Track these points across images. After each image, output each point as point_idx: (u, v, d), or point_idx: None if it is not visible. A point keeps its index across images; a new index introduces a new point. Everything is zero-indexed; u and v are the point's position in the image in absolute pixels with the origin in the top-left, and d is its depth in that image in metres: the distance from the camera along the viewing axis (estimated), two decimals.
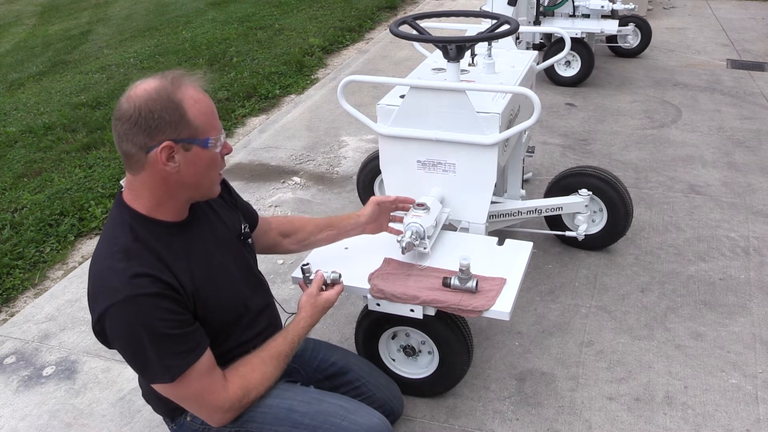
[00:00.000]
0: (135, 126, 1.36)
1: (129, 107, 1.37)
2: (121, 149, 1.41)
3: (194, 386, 1.46)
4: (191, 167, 1.43)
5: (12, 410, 2.35)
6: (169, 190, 1.45)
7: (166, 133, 1.37)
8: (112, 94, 5.63)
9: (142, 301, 1.37)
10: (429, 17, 2.45)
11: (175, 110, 1.37)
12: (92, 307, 1.43)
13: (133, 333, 1.38)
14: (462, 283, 1.91)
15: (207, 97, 1.45)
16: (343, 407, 1.66)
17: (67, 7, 10.49)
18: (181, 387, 1.44)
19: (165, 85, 1.38)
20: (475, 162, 2.22)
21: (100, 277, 1.41)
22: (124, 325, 1.38)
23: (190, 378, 1.44)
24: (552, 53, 5.02)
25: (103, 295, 1.39)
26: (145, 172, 1.42)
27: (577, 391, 2.28)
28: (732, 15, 7.23)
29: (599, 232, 2.96)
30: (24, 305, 2.98)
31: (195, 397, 1.48)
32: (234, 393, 1.53)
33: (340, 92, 2.28)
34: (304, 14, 7.94)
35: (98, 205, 3.71)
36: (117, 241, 1.43)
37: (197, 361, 1.44)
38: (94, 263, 1.45)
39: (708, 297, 2.73)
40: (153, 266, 1.41)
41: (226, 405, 1.52)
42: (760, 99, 4.85)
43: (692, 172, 3.78)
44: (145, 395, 1.74)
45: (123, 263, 1.39)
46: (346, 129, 4.61)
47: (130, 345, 1.40)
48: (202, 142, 1.42)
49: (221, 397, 1.50)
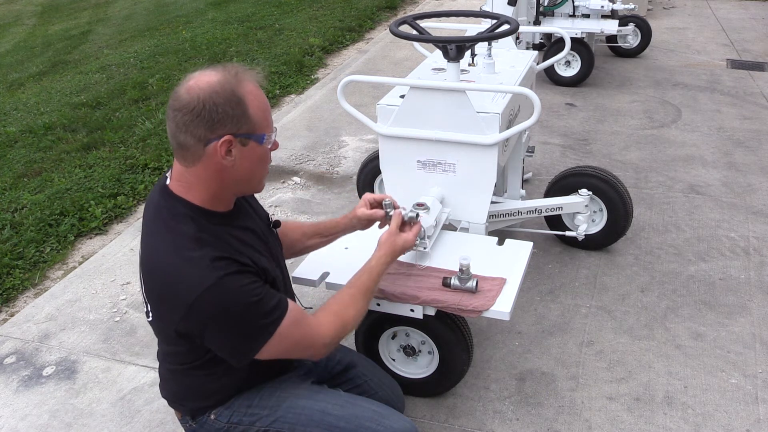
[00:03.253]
0: (197, 118, 1.36)
1: (191, 99, 1.36)
2: (176, 140, 1.40)
3: (294, 334, 1.49)
4: (246, 162, 1.44)
5: (12, 410, 2.35)
6: (222, 182, 1.45)
7: (227, 127, 1.38)
8: (112, 94, 5.63)
9: (230, 279, 1.38)
10: (429, 17, 2.45)
11: (237, 105, 1.37)
12: (173, 302, 1.40)
13: (232, 311, 1.39)
14: (462, 283, 1.91)
15: (263, 94, 1.46)
16: (376, 411, 1.66)
17: (67, 7, 10.49)
18: (282, 339, 1.47)
19: (228, 78, 1.38)
20: (475, 162, 2.22)
21: (177, 270, 1.39)
22: (222, 306, 1.39)
23: (288, 327, 1.47)
24: (552, 53, 5.02)
25: (187, 285, 1.38)
26: (201, 164, 1.41)
27: (577, 391, 2.28)
28: (732, 15, 7.23)
29: (599, 232, 2.96)
30: (24, 305, 2.98)
31: (297, 342, 1.52)
32: (332, 328, 1.58)
33: (340, 92, 2.28)
34: (304, 14, 7.94)
35: (98, 205, 3.71)
36: (182, 232, 1.42)
37: (287, 310, 1.48)
38: (162, 257, 1.42)
39: (708, 297, 2.73)
40: (226, 249, 1.43)
41: (327, 340, 1.57)
42: (760, 99, 4.85)
43: (692, 172, 3.78)
44: (164, 392, 1.72)
45: (198, 251, 1.39)
46: (346, 129, 4.61)
47: (229, 324, 1.41)
48: (259, 137, 1.43)
49: (321, 334, 1.56)
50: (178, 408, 1.73)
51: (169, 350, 1.61)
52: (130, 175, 4.07)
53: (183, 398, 1.67)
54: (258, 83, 1.45)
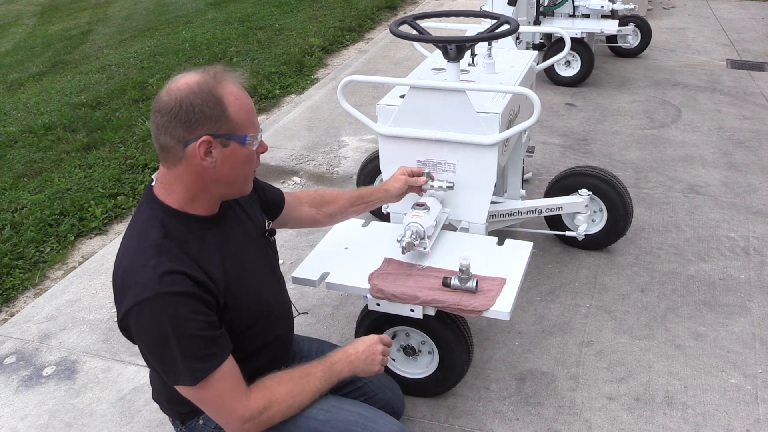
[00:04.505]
0: (175, 119, 1.36)
1: (169, 100, 1.36)
2: (158, 142, 1.41)
3: (216, 390, 1.42)
4: (227, 163, 1.43)
5: (12, 410, 2.35)
6: (203, 185, 1.44)
7: (206, 127, 1.37)
8: (112, 94, 5.63)
9: (172, 299, 1.35)
10: (429, 17, 2.45)
11: (216, 105, 1.37)
12: (119, 301, 1.40)
13: (160, 332, 1.35)
14: (462, 283, 1.91)
15: (247, 95, 1.45)
16: (362, 415, 1.63)
17: (67, 7, 10.49)
18: (202, 390, 1.41)
19: (207, 79, 1.38)
20: (475, 162, 2.22)
21: (128, 273, 1.39)
22: (152, 323, 1.35)
23: (213, 382, 1.41)
24: (552, 53, 5.02)
25: (131, 290, 1.36)
26: (181, 165, 1.41)
27: (577, 391, 2.28)
28: (732, 15, 7.23)
29: (599, 232, 2.96)
30: (24, 305, 2.98)
31: (215, 402, 1.44)
32: (255, 403, 1.46)
33: (340, 92, 2.28)
34: (304, 14, 7.94)
35: (98, 205, 3.71)
36: (148, 236, 1.41)
37: (221, 365, 1.41)
38: (123, 258, 1.43)
39: (708, 297, 2.73)
40: (184, 263, 1.39)
41: (246, 414, 1.45)
42: (760, 99, 4.85)
43: (692, 172, 3.78)
44: (155, 396, 1.72)
45: (153, 259, 1.37)
46: (346, 129, 4.61)
47: (155, 343, 1.38)
48: (240, 138, 1.42)
49: (242, 405, 1.45)
50: (167, 412, 1.73)
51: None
52: (130, 175, 4.07)
53: (170, 401, 1.65)
54: (240, 84, 1.44)
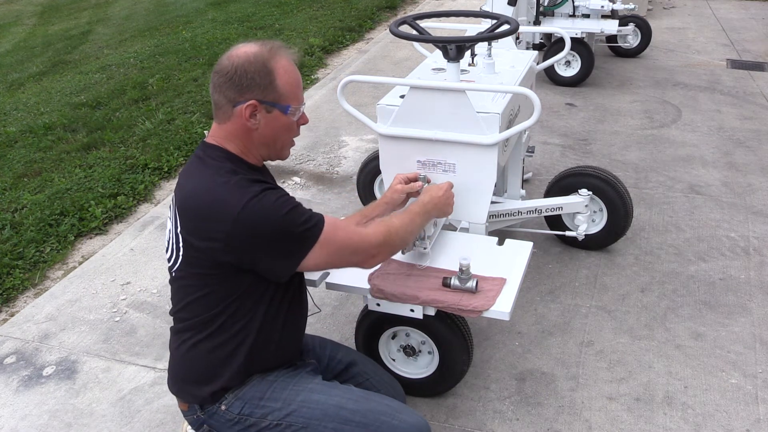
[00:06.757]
0: (229, 81, 1.55)
1: (228, 64, 1.55)
2: (213, 98, 1.61)
3: (341, 234, 1.61)
4: (269, 127, 1.61)
5: (12, 410, 2.35)
6: (248, 142, 1.62)
7: (254, 93, 1.55)
8: (112, 94, 5.63)
9: (267, 195, 1.52)
10: (429, 17, 2.45)
11: (266, 75, 1.55)
12: (218, 219, 1.50)
13: (273, 220, 1.51)
14: (462, 283, 1.91)
15: (296, 70, 1.63)
16: (390, 406, 1.68)
17: (67, 7, 10.50)
18: (330, 241, 1.58)
19: (263, 51, 1.56)
20: (475, 162, 2.21)
21: (217, 195, 1.51)
22: (264, 216, 1.50)
23: (333, 230, 1.59)
24: (552, 53, 5.02)
25: (228, 202, 1.49)
26: (230, 122, 1.59)
27: (577, 391, 2.28)
28: (732, 15, 7.23)
29: (599, 232, 2.96)
30: (24, 305, 2.98)
31: (347, 242, 1.63)
32: (378, 230, 1.69)
33: (339, 92, 2.28)
34: (304, 14, 7.94)
35: (98, 205, 3.71)
36: (221, 168, 1.57)
37: (324, 217, 1.59)
38: (204, 185, 1.54)
39: (708, 297, 2.73)
40: (258, 179, 1.59)
41: (375, 240, 1.68)
42: (760, 99, 4.85)
43: (692, 172, 3.78)
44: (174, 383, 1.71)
45: (236, 177, 1.54)
46: (346, 129, 4.61)
47: (274, 232, 1.51)
48: (283, 107, 1.60)
49: (369, 234, 1.67)
50: (185, 398, 1.70)
51: (189, 301, 1.61)
52: (130, 175, 4.07)
53: (198, 382, 1.64)
54: (293, 60, 1.62)
